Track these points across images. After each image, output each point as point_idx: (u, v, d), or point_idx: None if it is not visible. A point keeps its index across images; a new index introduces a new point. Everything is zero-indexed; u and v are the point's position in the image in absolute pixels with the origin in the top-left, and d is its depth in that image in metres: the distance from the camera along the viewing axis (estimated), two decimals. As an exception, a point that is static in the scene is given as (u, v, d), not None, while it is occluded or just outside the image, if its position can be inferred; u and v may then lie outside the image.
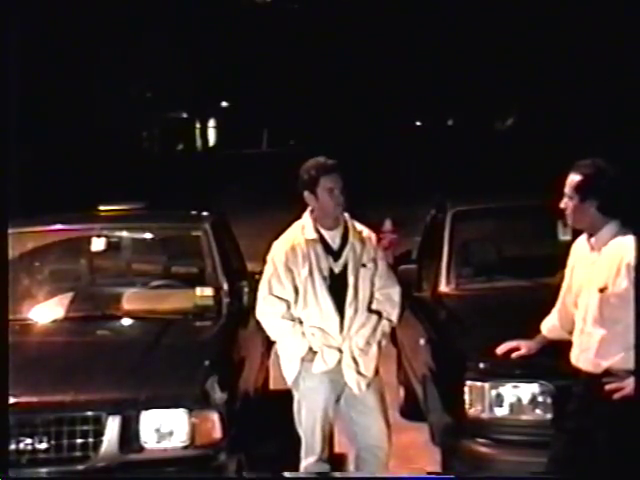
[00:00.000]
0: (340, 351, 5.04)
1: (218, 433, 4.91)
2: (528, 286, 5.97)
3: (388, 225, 12.60)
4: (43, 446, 4.74)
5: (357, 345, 5.05)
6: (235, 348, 5.95)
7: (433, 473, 5.54)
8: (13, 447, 4.68)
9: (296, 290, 5.06)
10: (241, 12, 39.82)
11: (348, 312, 5.04)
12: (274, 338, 5.26)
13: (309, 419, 5.09)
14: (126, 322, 6.02)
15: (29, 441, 4.73)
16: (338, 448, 5.82)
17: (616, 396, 4.12)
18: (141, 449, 4.80)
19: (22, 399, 4.73)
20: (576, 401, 4.37)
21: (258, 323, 5.28)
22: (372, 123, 40.98)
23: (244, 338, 6.16)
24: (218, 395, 5.05)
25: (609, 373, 4.19)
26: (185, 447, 4.82)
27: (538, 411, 4.81)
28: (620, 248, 4.20)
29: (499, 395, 4.85)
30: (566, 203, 4.34)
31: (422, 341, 6.11)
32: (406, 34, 35.93)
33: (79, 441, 4.75)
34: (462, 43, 33.27)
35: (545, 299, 4.75)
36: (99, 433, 4.76)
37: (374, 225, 5.83)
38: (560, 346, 4.53)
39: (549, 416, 4.77)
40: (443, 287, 6.21)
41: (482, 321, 5.57)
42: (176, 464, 4.83)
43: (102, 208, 6.95)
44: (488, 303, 5.87)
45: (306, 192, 5.09)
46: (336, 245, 5.12)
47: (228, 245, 6.98)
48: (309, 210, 5.17)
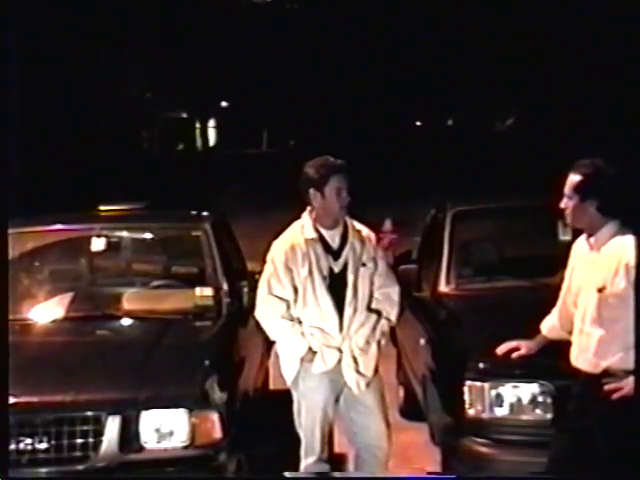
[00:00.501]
0: (340, 351, 5.04)
1: (218, 433, 4.91)
2: (528, 286, 5.97)
3: (388, 225, 12.60)
4: (43, 446, 4.74)
5: (357, 344, 5.05)
6: (235, 348, 5.95)
7: (433, 473, 5.54)
8: (13, 447, 4.67)
9: (295, 290, 5.06)
10: (241, 12, 39.84)
11: (347, 311, 5.04)
12: (273, 338, 5.26)
13: (309, 419, 5.09)
14: (126, 322, 6.02)
15: (29, 441, 4.73)
16: (338, 448, 5.83)
17: (615, 396, 4.12)
18: (141, 449, 4.80)
19: (22, 399, 4.73)
20: (576, 401, 4.37)
21: (258, 323, 5.28)
22: (372, 123, 41.00)
23: (244, 338, 6.16)
24: (218, 395, 5.05)
25: (608, 373, 4.19)
26: (185, 447, 4.82)
27: (538, 411, 4.81)
28: (619, 248, 4.20)
29: (499, 395, 4.85)
30: (566, 203, 4.35)
31: (422, 341, 6.11)
32: (406, 34, 35.95)
33: (79, 441, 4.75)
34: (462, 43, 33.29)
35: (545, 299, 4.75)
36: (99, 433, 4.76)
37: (374, 225, 5.83)
38: (560, 346, 4.53)
39: (549, 416, 4.77)
40: (443, 287, 6.21)
41: (482, 321, 5.57)
42: (176, 464, 4.83)
43: (102, 208, 6.96)
44: (488, 303, 5.87)
45: (312, 189, 5.06)
46: (336, 245, 5.12)
47: (228, 245, 6.98)
48: (308, 210, 5.16)
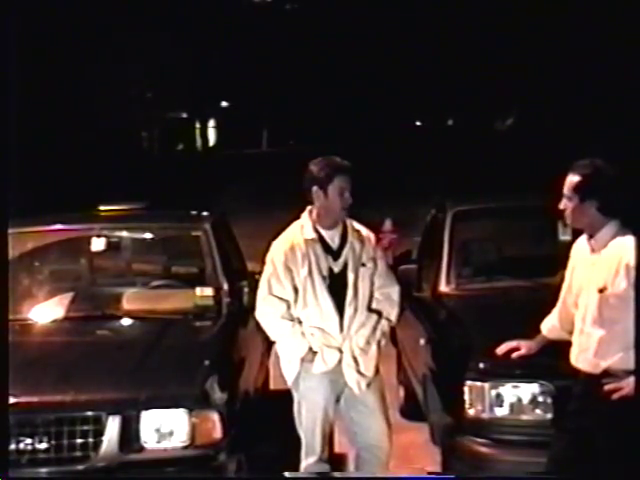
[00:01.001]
0: (340, 351, 5.04)
1: (218, 433, 4.91)
2: (528, 286, 5.97)
3: (388, 225, 12.61)
4: (43, 446, 4.74)
5: (357, 344, 5.05)
6: (235, 348, 5.95)
7: (433, 473, 5.54)
8: (13, 447, 4.68)
9: (295, 290, 5.05)
10: (241, 12, 39.82)
11: (348, 311, 5.03)
12: (274, 338, 5.25)
13: (309, 419, 5.09)
14: (126, 322, 6.03)
15: (29, 441, 4.73)
16: (338, 448, 5.83)
17: (615, 396, 4.12)
18: (141, 449, 4.80)
19: (22, 399, 4.73)
20: (576, 401, 4.37)
21: (258, 323, 5.28)
22: (372, 123, 40.98)
23: (244, 338, 6.16)
24: (218, 395, 5.05)
25: (608, 373, 4.19)
26: (185, 447, 4.82)
27: (538, 411, 4.80)
28: (619, 249, 4.20)
29: (499, 395, 4.85)
30: (565, 204, 4.34)
31: (422, 341, 6.11)
32: (406, 34, 35.94)
33: (79, 441, 4.76)
34: (462, 43, 33.28)
35: (545, 299, 4.75)
36: (99, 433, 4.76)
37: (374, 225, 5.83)
38: (560, 346, 4.53)
39: (549, 416, 4.77)
40: (443, 287, 6.21)
41: (482, 321, 5.57)
42: (176, 464, 4.83)
43: (102, 208, 6.96)
44: (488, 303, 5.87)
45: (315, 187, 5.05)
46: (335, 245, 5.11)
47: (228, 245, 6.98)
48: (308, 210, 5.16)
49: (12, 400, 4.47)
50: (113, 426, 4.76)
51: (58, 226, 6.82)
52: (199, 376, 5.03)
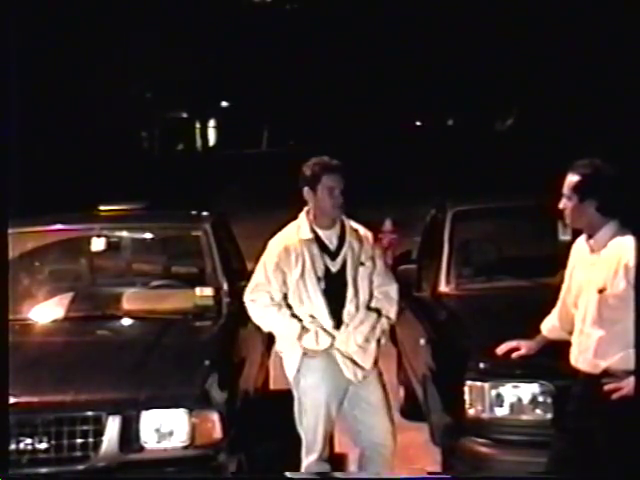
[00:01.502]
0: (333, 337, 5.03)
1: (218, 433, 4.90)
2: (528, 286, 5.97)
3: (388, 225, 12.61)
4: (43, 446, 4.73)
5: (356, 342, 5.05)
6: (235, 348, 5.95)
7: (433, 473, 5.53)
8: (13, 447, 4.67)
9: (285, 290, 5.06)
10: (241, 12, 39.83)
11: (348, 310, 5.04)
12: (266, 328, 5.25)
13: (311, 417, 5.08)
14: (126, 322, 6.03)
15: (29, 441, 4.73)
16: (339, 448, 5.83)
17: (615, 396, 4.12)
18: (141, 449, 4.80)
19: (22, 399, 4.73)
20: (576, 401, 4.37)
21: (258, 323, 5.28)
22: (372, 123, 40.99)
23: (244, 338, 6.16)
24: (218, 395, 5.05)
25: (608, 373, 4.19)
26: (185, 447, 4.82)
27: (538, 411, 4.80)
28: (619, 249, 4.20)
29: (499, 395, 4.85)
30: (565, 203, 4.34)
31: (422, 341, 6.11)
32: (406, 34, 35.94)
33: (79, 441, 4.75)
34: (462, 43, 33.27)
35: (545, 299, 4.75)
36: (99, 433, 4.76)
37: (374, 225, 5.84)
38: (560, 346, 4.53)
39: (549, 416, 4.77)
40: (443, 287, 6.21)
41: (482, 321, 5.58)
42: (176, 464, 4.82)
43: (102, 208, 6.96)
44: (488, 303, 5.87)
45: (306, 188, 5.09)
46: (333, 245, 5.11)
47: (228, 245, 6.98)
48: (305, 210, 5.17)
49: (12, 400, 4.46)
50: (113, 426, 4.76)
51: (58, 226, 6.82)
52: (199, 376, 5.03)
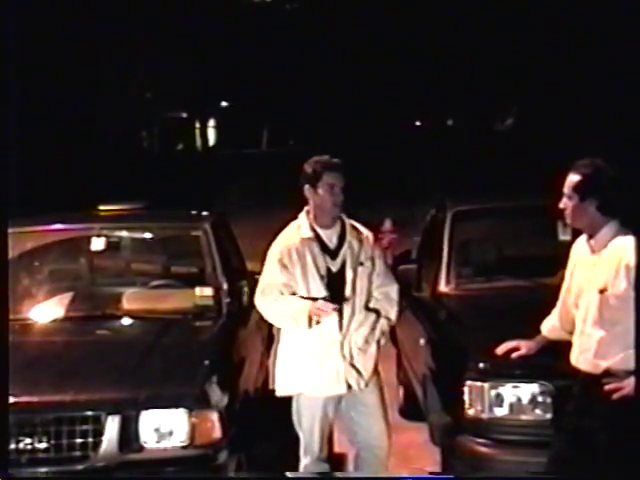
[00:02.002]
0: (335, 337, 5.01)
1: (218, 433, 4.90)
2: (528, 286, 5.96)
3: (388, 225, 12.59)
4: (43, 446, 4.73)
5: (356, 343, 5.05)
6: (235, 348, 5.95)
7: (433, 473, 5.53)
8: (13, 447, 4.67)
9: (293, 287, 5.05)
10: (241, 12, 39.85)
11: (347, 310, 5.03)
12: (279, 324, 5.21)
13: (309, 418, 5.08)
14: (126, 322, 6.02)
15: (29, 441, 4.73)
16: (337, 448, 5.82)
17: (615, 396, 4.12)
18: (141, 449, 4.79)
19: (22, 399, 4.73)
20: (576, 401, 4.37)
21: (258, 323, 5.28)
22: (372, 123, 41.02)
23: (244, 338, 6.16)
24: (218, 395, 5.04)
25: (608, 373, 4.19)
26: (185, 447, 4.82)
27: (538, 411, 4.80)
28: (619, 249, 4.20)
29: (499, 395, 4.85)
30: (565, 203, 4.34)
31: (422, 341, 6.11)
32: (406, 34, 35.96)
33: (79, 441, 4.75)
34: (462, 43, 33.29)
35: (545, 299, 4.75)
36: (99, 433, 4.75)
37: (374, 225, 5.83)
38: (560, 346, 4.53)
39: (549, 416, 4.77)
40: (443, 287, 6.21)
41: (482, 321, 5.57)
42: (176, 464, 4.82)
43: (102, 208, 6.96)
44: (488, 303, 5.87)
45: (307, 185, 5.09)
46: (333, 244, 5.11)
47: (228, 245, 6.98)
48: (305, 210, 5.17)
49: (12, 400, 4.46)
50: (113, 426, 4.76)
51: (58, 226, 6.82)
52: (199, 376, 5.03)
